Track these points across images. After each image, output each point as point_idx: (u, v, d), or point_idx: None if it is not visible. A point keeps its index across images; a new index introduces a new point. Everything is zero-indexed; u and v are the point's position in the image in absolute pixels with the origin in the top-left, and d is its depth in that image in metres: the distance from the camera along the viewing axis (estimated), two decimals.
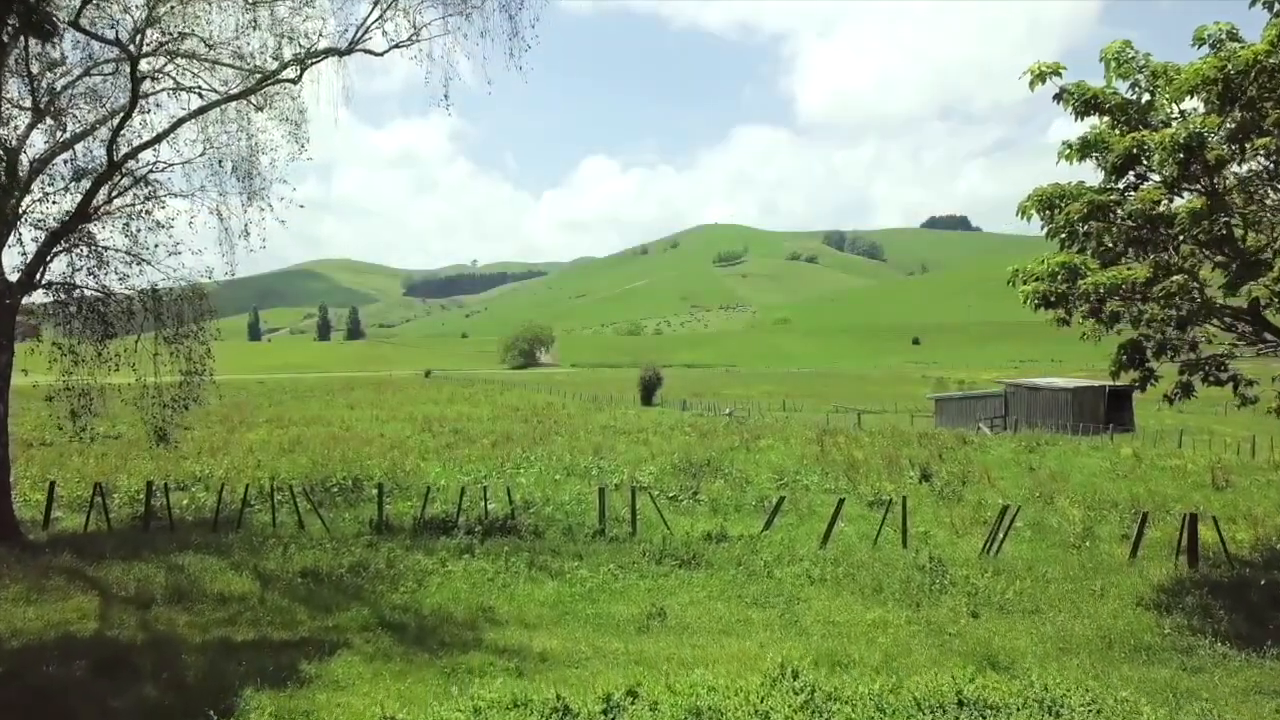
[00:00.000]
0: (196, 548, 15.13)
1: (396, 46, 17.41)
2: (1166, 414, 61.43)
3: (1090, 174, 12.40)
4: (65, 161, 17.41)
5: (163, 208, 17.46)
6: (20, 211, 16.40)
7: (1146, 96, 12.00)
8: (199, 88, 17.49)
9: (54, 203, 17.07)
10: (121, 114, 16.38)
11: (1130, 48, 11.83)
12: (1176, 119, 11.95)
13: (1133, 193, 12.18)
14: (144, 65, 16.21)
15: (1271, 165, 11.25)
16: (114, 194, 17.09)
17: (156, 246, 17.47)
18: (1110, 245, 11.96)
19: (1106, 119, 12.04)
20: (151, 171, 17.16)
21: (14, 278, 16.30)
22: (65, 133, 17.43)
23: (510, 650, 10.15)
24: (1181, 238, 10.84)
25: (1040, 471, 27.68)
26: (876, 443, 34.93)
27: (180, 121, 16.93)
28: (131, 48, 15.00)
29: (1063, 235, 12.94)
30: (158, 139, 16.75)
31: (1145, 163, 11.49)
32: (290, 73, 17.35)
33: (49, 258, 16.71)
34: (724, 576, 13.48)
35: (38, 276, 16.69)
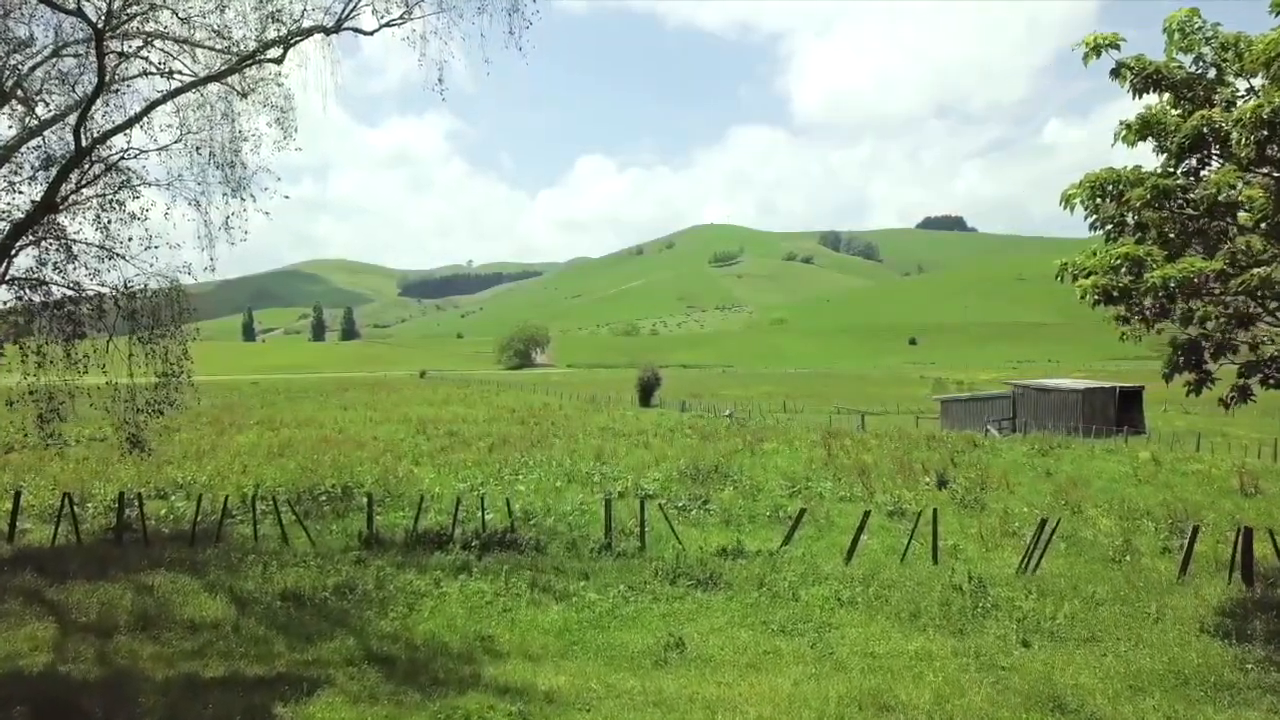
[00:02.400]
0: (170, 564, 13.95)
1: (388, 25, 16.18)
2: (1175, 415, 60.53)
3: (1143, 158, 11.32)
4: (34, 149, 16.26)
5: (136, 198, 16.24)
6: None
7: (1213, 72, 10.88)
8: (175, 71, 16.31)
9: (20, 192, 15.88)
10: (91, 96, 15.17)
11: (1197, 16, 10.71)
12: (1242, 96, 10.86)
13: (1194, 178, 11.09)
14: (115, 43, 15.01)
15: None
16: (83, 182, 15.88)
17: (130, 240, 16.28)
18: (1173, 236, 10.85)
19: (1168, 96, 10.93)
20: (123, 158, 15.98)
21: None
22: (35, 118, 16.26)
23: (513, 689, 9.00)
24: (1263, 225, 9.71)
25: (1058, 476, 26.65)
26: (885, 446, 33.87)
27: (154, 104, 15.73)
28: (99, 21, 13.79)
29: (1109, 226, 11.85)
30: (129, 123, 15.55)
31: (1213, 144, 10.38)
32: (274, 52, 16.16)
33: (14, 251, 15.49)
34: (745, 599, 12.32)
35: (1, 272, 15.49)
